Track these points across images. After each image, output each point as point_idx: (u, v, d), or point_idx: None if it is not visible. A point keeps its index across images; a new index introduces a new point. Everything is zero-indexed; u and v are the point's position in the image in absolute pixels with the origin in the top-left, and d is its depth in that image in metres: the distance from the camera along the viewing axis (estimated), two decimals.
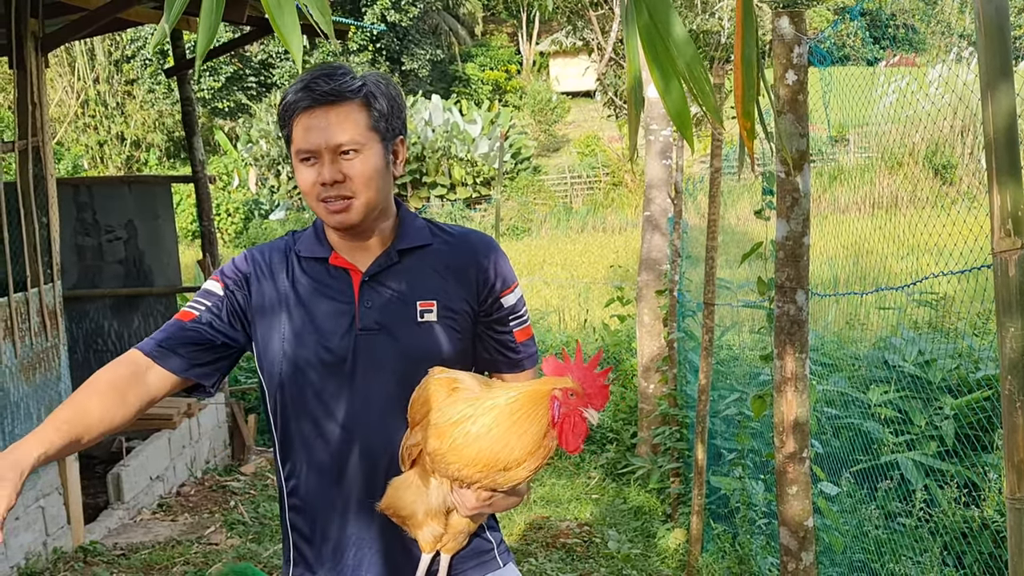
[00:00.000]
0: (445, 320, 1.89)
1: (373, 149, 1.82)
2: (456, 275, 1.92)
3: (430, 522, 1.81)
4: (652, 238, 6.38)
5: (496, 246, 1.99)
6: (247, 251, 1.97)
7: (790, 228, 2.58)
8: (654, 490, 5.90)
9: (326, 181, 1.79)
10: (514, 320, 1.98)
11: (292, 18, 0.99)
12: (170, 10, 1.01)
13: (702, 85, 1.19)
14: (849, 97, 3.93)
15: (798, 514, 2.65)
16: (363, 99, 1.81)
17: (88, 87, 28.51)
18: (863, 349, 5.69)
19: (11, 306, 4.68)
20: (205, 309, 1.89)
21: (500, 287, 1.95)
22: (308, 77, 1.80)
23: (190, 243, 21.41)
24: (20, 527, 4.73)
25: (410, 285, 1.90)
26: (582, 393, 1.68)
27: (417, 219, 1.97)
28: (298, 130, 1.81)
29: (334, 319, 1.87)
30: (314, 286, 1.90)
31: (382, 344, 1.86)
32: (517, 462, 1.69)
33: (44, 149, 5.00)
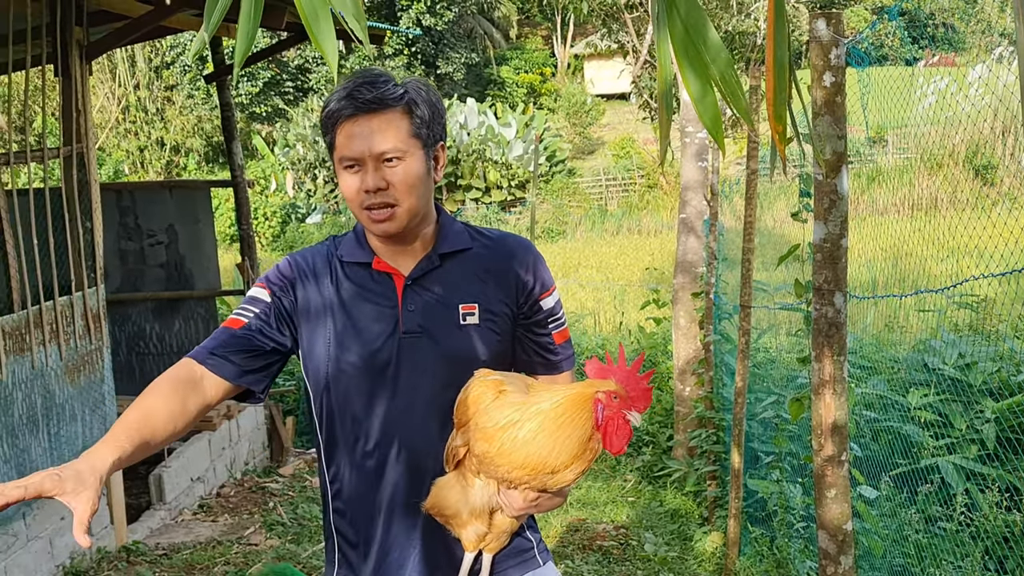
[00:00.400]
0: (486, 323, 1.92)
1: (415, 156, 1.84)
2: (496, 278, 1.95)
3: (474, 522, 1.84)
4: (688, 240, 6.37)
5: (534, 249, 2.02)
6: (290, 257, 2.00)
7: (828, 230, 2.57)
8: (690, 493, 5.89)
9: (370, 188, 1.82)
10: (553, 322, 2.01)
11: (327, 25, 1.01)
12: (209, 18, 1.03)
13: (734, 89, 1.20)
14: (888, 98, 3.91)
15: (837, 517, 2.64)
16: (405, 106, 1.84)
17: (129, 93, 28.88)
18: (902, 352, 5.64)
19: (56, 309, 4.77)
20: (254, 316, 1.91)
21: (539, 290, 1.97)
22: (351, 85, 1.83)
23: (228, 247, 21.61)
24: (65, 527, 4.81)
25: (452, 288, 1.92)
26: (625, 396, 1.70)
27: (456, 223, 2.00)
28: (341, 138, 1.83)
29: (378, 323, 1.90)
30: (358, 290, 1.92)
31: (425, 347, 1.89)
32: (564, 465, 1.72)
33: (88, 155, 5.08)
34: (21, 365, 4.46)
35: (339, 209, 26.18)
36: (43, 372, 4.63)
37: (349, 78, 1.85)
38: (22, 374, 4.47)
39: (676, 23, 1.19)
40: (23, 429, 4.45)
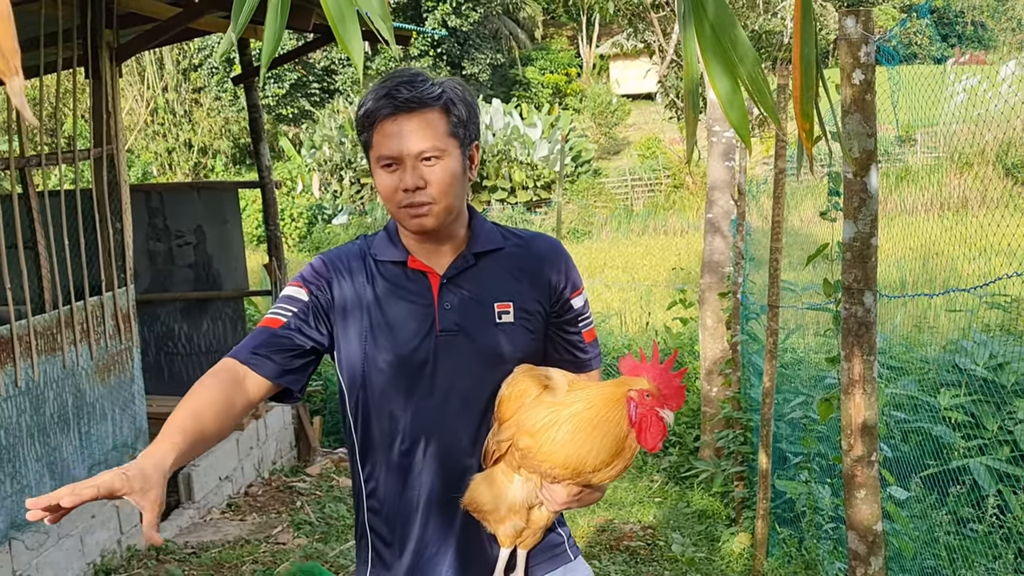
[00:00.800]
0: (521, 321, 1.94)
1: (452, 155, 1.86)
2: (529, 277, 1.97)
3: (513, 517, 1.86)
4: (714, 240, 6.34)
5: (564, 249, 2.05)
6: (322, 256, 2.00)
7: (857, 229, 2.55)
8: (718, 494, 5.86)
9: (407, 187, 1.83)
10: (582, 321, 2.03)
11: (354, 27, 1.01)
12: (236, 20, 1.04)
13: (761, 87, 1.19)
14: (917, 97, 3.88)
15: (867, 518, 2.62)
16: (443, 106, 1.85)
17: (157, 96, 29.12)
18: (932, 352, 5.59)
19: (87, 309, 4.81)
20: (292, 315, 1.91)
21: (570, 289, 2.00)
22: (389, 84, 1.83)
23: (256, 248, 21.74)
24: (96, 525, 4.86)
25: (487, 287, 1.94)
26: (657, 393, 1.71)
27: (487, 223, 2.02)
28: (379, 137, 1.84)
29: (414, 321, 1.91)
30: (393, 289, 1.93)
31: (461, 345, 1.90)
32: (604, 463, 1.75)
33: (118, 156, 5.13)
34: (52, 365, 4.51)
35: (365, 210, 26.28)
36: (74, 371, 4.67)
37: (386, 78, 1.87)
38: (53, 373, 4.51)
39: (703, 21, 1.18)
40: (54, 428, 4.49)
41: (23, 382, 4.26)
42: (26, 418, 4.28)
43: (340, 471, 7.00)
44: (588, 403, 1.74)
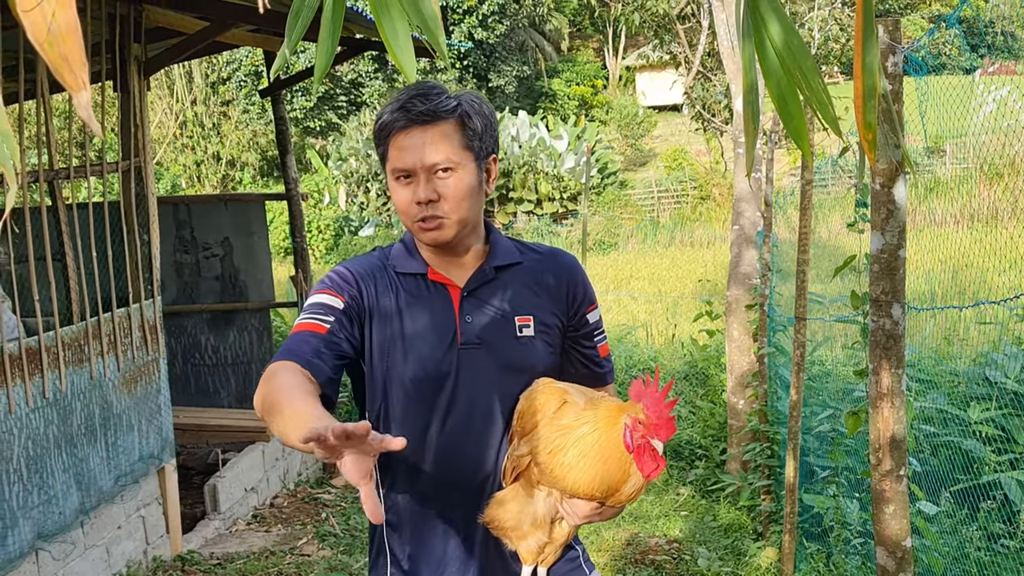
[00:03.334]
0: (541, 335, 1.94)
1: (467, 168, 1.85)
2: (548, 291, 1.97)
3: (535, 532, 1.85)
4: (741, 252, 6.30)
5: (580, 265, 2.06)
6: (346, 265, 1.96)
7: (885, 240, 2.53)
8: (744, 507, 5.81)
9: (421, 200, 1.82)
10: (598, 335, 2.05)
11: (407, 40, 1.01)
12: (290, 36, 1.05)
13: (821, 98, 1.17)
14: (946, 107, 3.84)
15: (895, 533, 2.59)
16: (458, 118, 1.84)
17: (186, 109, 29.38)
18: (962, 365, 5.53)
19: (114, 321, 4.85)
20: (334, 322, 1.84)
21: (586, 304, 2.02)
22: (404, 97, 1.84)
23: (283, 259, 21.86)
24: (122, 535, 4.88)
25: (508, 301, 1.94)
26: (648, 423, 1.71)
27: (504, 238, 2.02)
28: (394, 149, 1.84)
29: (436, 334, 1.90)
30: (414, 301, 1.92)
31: (483, 359, 1.90)
32: (613, 487, 1.74)
33: (146, 169, 5.17)
34: (80, 376, 4.54)
35: (391, 222, 26.36)
36: (101, 383, 4.70)
37: (402, 91, 1.87)
38: (81, 384, 4.54)
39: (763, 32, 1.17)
40: (81, 439, 4.52)
41: (51, 393, 4.29)
42: (53, 429, 4.31)
43: None
44: (593, 426, 1.75)
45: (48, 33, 0.74)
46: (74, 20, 0.75)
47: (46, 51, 0.74)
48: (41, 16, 0.74)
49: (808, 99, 1.17)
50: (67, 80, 0.75)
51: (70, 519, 4.41)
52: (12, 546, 3.99)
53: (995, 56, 16.76)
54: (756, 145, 1.28)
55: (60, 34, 0.75)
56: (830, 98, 1.19)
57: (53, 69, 0.75)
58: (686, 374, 8.11)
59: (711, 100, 22.39)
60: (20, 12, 0.73)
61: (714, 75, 21.46)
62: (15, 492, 4.03)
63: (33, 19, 0.74)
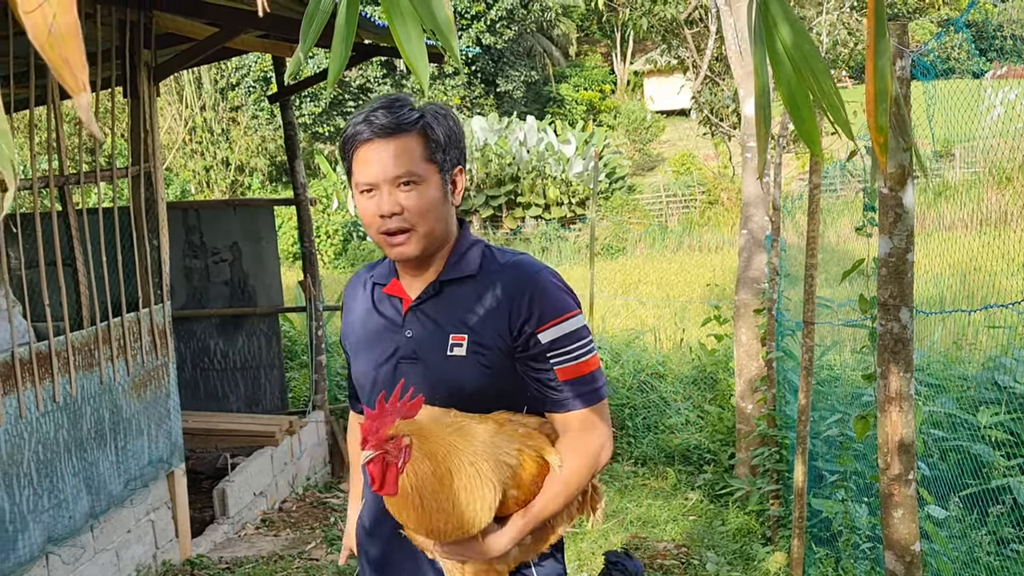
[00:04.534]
0: (474, 355, 1.88)
1: (431, 180, 1.85)
2: (492, 310, 1.89)
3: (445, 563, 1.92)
4: (750, 256, 6.30)
5: (542, 280, 1.91)
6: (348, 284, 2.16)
7: (893, 244, 2.52)
8: (753, 512, 5.80)
9: (384, 213, 1.83)
10: (555, 357, 1.87)
11: (420, 45, 1.02)
12: (304, 40, 1.06)
13: (833, 101, 1.18)
14: (954, 111, 3.84)
15: (904, 538, 2.58)
16: (420, 131, 1.84)
17: (195, 115, 29.46)
18: (971, 370, 5.51)
19: (124, 326, 4.87)
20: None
21: (535, 324, 1.86)
22: (367, 110, 1.85)
23: (292, 264, 21.90)
24: (132, 540, 4.90)
25: (446, 317, 1.92)
26: None
27: (473, 248, 1.96)
28: (357, 163, 1.85)
29: (383, 345, 1.97)
30: (375, 312, 2.01)
31: (417, 373, 1.91)
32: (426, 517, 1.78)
33: (155, 174, 5.19)
34: (90, 380, 4.56)
35: None
36: (111, 387, 4.72)
37: (369, 104, 1.88)
38: (91, 389, 4.56)
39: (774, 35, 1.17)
40: (91, 443, 4.54)
41: (61, 397, 4.31)
42: (63, 433, 4.33)
43: None
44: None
45: (49, 35, 0.75)
46: (75, 22, 0.76)
47: (47, 53, 0.75)
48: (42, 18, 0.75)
49: (819, 102, 1.17)
50: (68, 82, 0.76)
51: (80, 523, 4.43)
52: (22, 550, 4.01)
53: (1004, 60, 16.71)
54: (768, 148, 1.29)
55: (61, 36, 0.76)
56: (842, 101, 1.19)
57: (54, 70, 0.76)
58: (694, 378, 8.10)
59: (719, 104, 22.38)
60: (22, 14, 0.74)
61: (722, 80, 21.45)
62: (25, 496, 4.05)
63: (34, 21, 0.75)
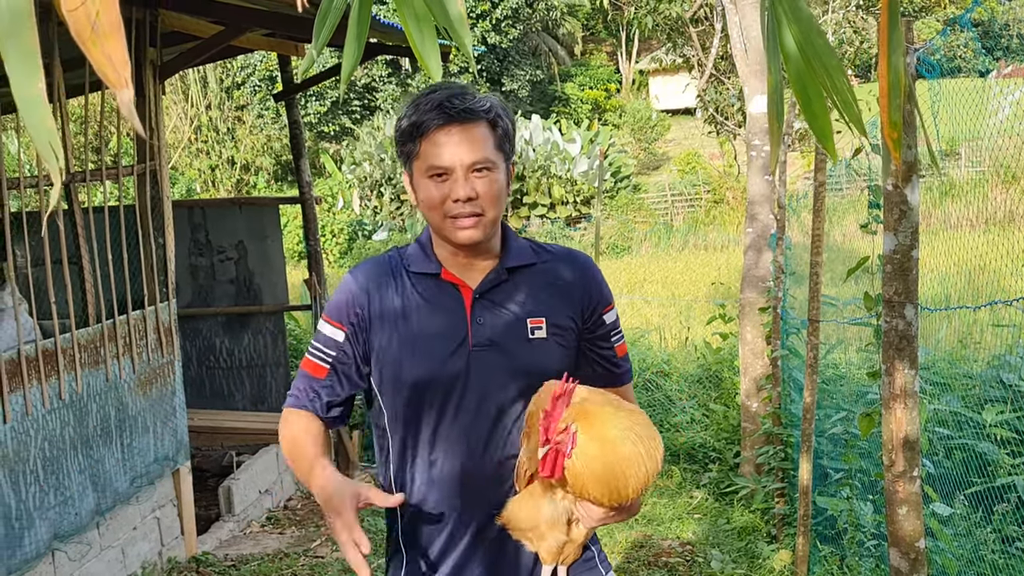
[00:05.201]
0: (554, 336, 1.93)
1: (500, 168, 1.87)
2: (562, 293, 1.96)
3: (552, 533, 1.86)
4: (755, 255, 6.30)
5: (595, 267, 2.05)
6: (355, 273, 1.99)
7: (898, 241, 2.53)
8: (758, 510, 5.80)
9: (460, 198, 1.83)
10: (615, 336, 2.03)
11: (432, 42, 1.03)
12: (317, 38, 1.07)
13: (846, 97, 1.18)
14: (960, 110, 3.83)
15: (909, 535, 2.58)
16: (491, 120, 1.87)
17: (201, 114, 29.50)
18: (977, 368, 5.51)
19: (129, 323, 4.88)
20: (334, 359, 1.96)
21: (602, 305, 2.00)
22: (438, 96, 1.84)
23: (297, 263, 21.92)
24: (137, 537, 4.91)
25: (520, 302, 1.94)
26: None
27: (519, 238, 2.02)
28: (428, 147, 1.84)
29: (447, 335, 1.90)
30: (426, 302, 1.92)
31: (494, 361, 1.90)
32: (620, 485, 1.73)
33: (160, 172, 5.20)
34: (95, 378, 4.57)
35: (404, 226, 26.42)
36: (116, 385, 4.73)
37: (429, 90, 1.88)
38: (96, 386, 4.57)
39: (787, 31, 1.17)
40: (97, 440, 4.55)
41: (67, 395, 4.32)
42: (70, 430, 4.34)
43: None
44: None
45: (92, 32, 0.76)
46: (117, 20, 0.77)
47: (90, 50, 0.77)
48: (85, 15, 0.76)
49: (832, 98, 1.17)
50: (110, 78, 0.77)
51: (86, 520, 4.44)
52: (29, 547, 4.02)
53: (1011, 59, 16.67)
54: (780, 144, 1.29)
55: (103, 33, 0.77)
56: (855, 97, 1.19)
57: (97, 68, 0.77)
58: (699, 377, 8.10)
59: (724, 103, 22.36)
60: (65, 11, 0.76)
61: (727, 78, 21.42)
62: (32, 493, 4.06)
63: (77, 18, 0.76)
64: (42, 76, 0.75)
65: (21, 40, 0.75)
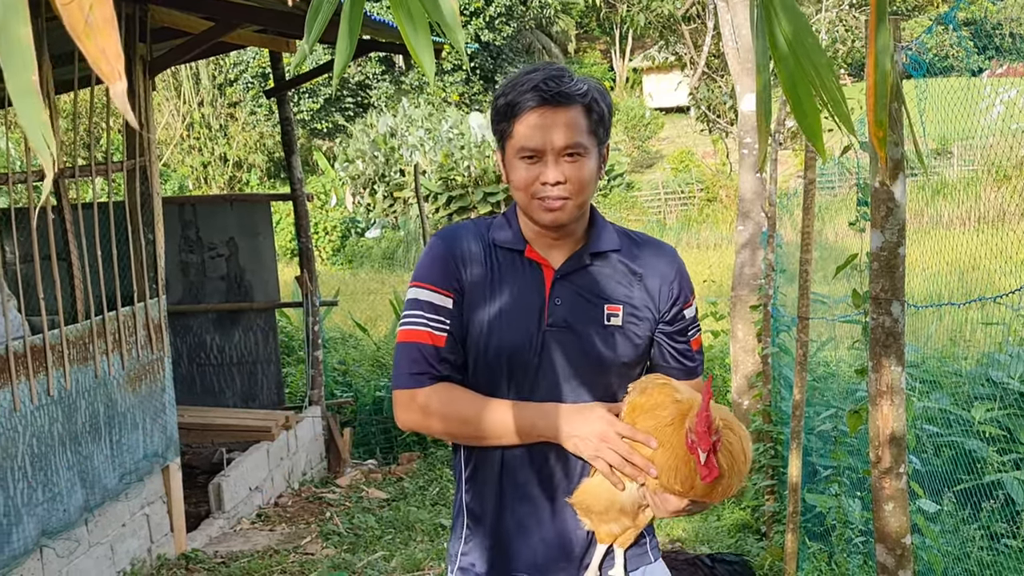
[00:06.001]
0: (629, 325, 1.94)
1: (592, 153, 1.87)
2: (643, 283, 1.97)
3: (621, 518, 1.89)
4: (746, 253, 6.31)
5: (681, 261, 2.04)
6: (443, 244, 1.97)
7: (885, 238, 2.53)
8: (748, 507, 5.81)
9: (549, 181, 1.83)
10: (693, 330, 2.03)
11: (426, 39, 1.03)
12: (309, 32, 1.06)
13: (835, 96, 1.18)
14: (951, 109, 3.83)
15: (895, 531, 2.58)
16: (587, 104, 1.86)
17: (193, 111, 29.44)
18: (967, 366, 5.52)
19: (119, 319, 4.87)
20: (447, 329, 1.91)
21: (683, 300, 2.00)
22: (535, 77, 1.84)
23: (289, 261, 21.88)
24: (127, 533, 4.90)
25: (600, 287, 1.94)
26: (696, 432, 1.74)
27: (608, 224, 2.02)
28: (522, 128, 1.84)
29: (526, 312, 1.91)
30: (508, 276, 1.94)
31: (567, 342, 1.91)
32: (684, 482, 1.76)
33: (150, 169, 5.19)
34: (85, 374, 4.56)
35: (398, 224, 26.38)
36: (106, 381, 4.72)
37: (526, 70, 1.88)
38: (86, 383, 4.56)
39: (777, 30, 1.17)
40: (86, 436, 4.54)
41: (55, 391, 4.31)
42: (58, 427, 4.33)
43: (370, 483, 7.02)
44: (669, 421, 1.78)
45: (86, 25, 0.77)
46: (111, 13, 0.77)
47: (84, 43, 0.77)
48: (79, 9, 0.76)
49: (821, 97, 1.17)
50: (104, 71, 0.77)
51: (74, 516, 4.43)
52: (17, 543, 4.01)
53: (1004, 58, 16.69)
54: (768, 142, 1.29)
55: (97, 27, 0.77)
56: (843, 96, 1.19)
57: (91, 61, 0.77)
58: None
59: (716, 101, 22.38)
60: (59, 5, 0.76)
61: (720, 76, 21.44)
62: (20, 489, 4.05)
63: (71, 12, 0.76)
64: (35, 69, 0.75)
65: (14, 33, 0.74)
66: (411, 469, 7.30)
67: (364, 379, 8.74)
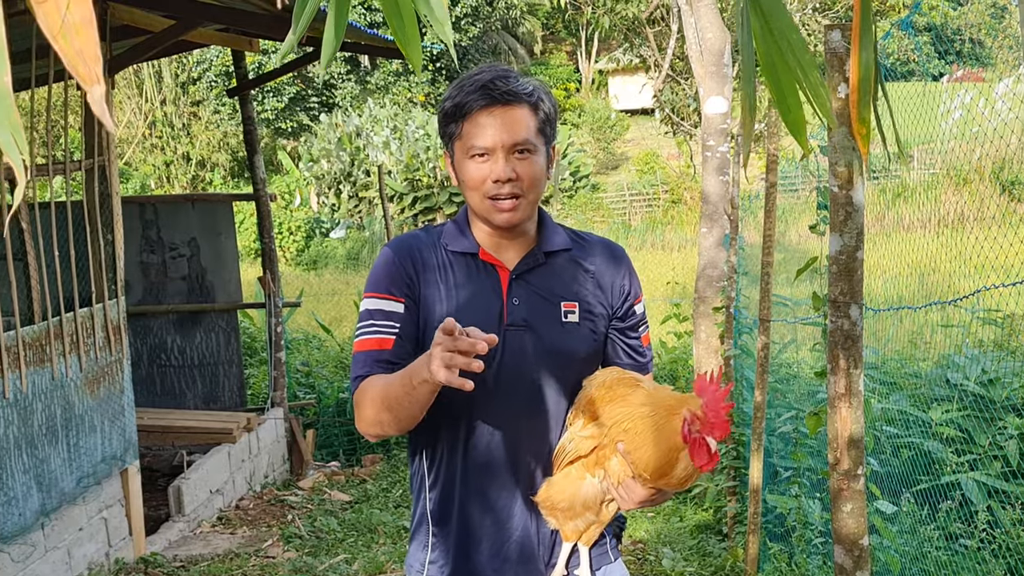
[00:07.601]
0: (585, 322, 1.98)
1: (540, 151, 1.91)
2: (596, 280, 2.02)
3: (585, 513, 1.92)
4: (709, 254, 6.34)
5: (629, 259, 2.10)
6: (393, 253, 1.97)
7: (844, 242, 2.54)
8: (710, 509, 5.84)
9: (500, 178, 1.86)
10: (643, 327, 2.09)
11: (414, 32, 1.02)
12: (296, 24, 1.06)
13: (818, 91, 1.18)
14: (911, 113, 3.87)
15: (853, 532, 2.60)
16: (534, 103, 1.89)
17: (156, 109, 29.15)
18: (925, 368, 5.58)
19: (76, 321, 4.80)
20: (399, 330, 1.91)
21: (634, 295, 2.06)
22: (482, 78, 1.87)
23: (253, 261, 21.72)
24: (84, 537, 4.83)
25: (555, 286, 1.98)
26: (704, 420, 1.75)
27: (556, 224, 2.07)
28: (471, 127, 1.87)
29: (483, 314, 1.93)
30: (464, 280, 1.96)
31: (527, 341, 1.93)
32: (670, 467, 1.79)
33: (110, 168, 5.13)
34: (41, 376, 4.49)
35: (363, 224, 26.27)
36: (63, 383, 4.66)
37: (472, 73, 1.90)
38: (42, 385, 4.50)
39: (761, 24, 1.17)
40: (42, 439, 4.47)
41: (11, 393, 4.24)
42: (14, 430, 4.26)
43: (332, 484, 6.98)
44: (652, 409, 1.80)
45: (62, 26, 0.74)
46: (89, 14, 0.75)
47: (60, 44, 0.74)
48: (55, 9, 0.74)
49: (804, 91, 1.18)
50: (81, 74, 0.75)
51: (30, 520, 4.36)
52: None
53: (963, 63, 16.94)
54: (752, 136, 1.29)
55: (75, 27, 0.75)
56: (828, 92, 1.20)
57: (67, 62, 0.75)
58: (654, 376, 8.14)
59: (680, 104, 22.49)
60: (34, 4, 0.74)
61: (684, 79, 21.55)
62: None
63: (47, 11, 0.74)
64: (8, 69, 0.73)
65: None
66: (374, 471, 7.27)
67: (327, 381, 8.69)
